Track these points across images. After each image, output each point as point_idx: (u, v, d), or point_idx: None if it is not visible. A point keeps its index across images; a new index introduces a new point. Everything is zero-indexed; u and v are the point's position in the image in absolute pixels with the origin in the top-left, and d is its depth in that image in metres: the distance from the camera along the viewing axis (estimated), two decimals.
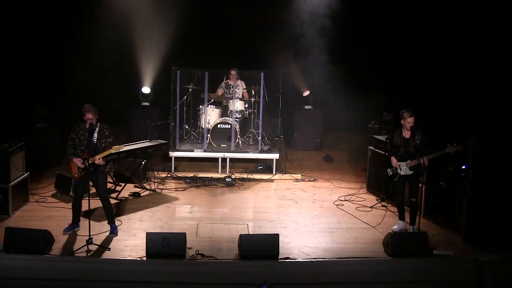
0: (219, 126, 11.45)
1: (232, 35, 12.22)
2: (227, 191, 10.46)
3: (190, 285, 7.37)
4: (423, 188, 9.17)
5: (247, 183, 10.83)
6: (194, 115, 12.11)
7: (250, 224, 9.01)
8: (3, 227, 7.83)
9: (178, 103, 11.56)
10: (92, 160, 8.02)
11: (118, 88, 12.63)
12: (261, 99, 11.51)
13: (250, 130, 11.96)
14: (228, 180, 10.74)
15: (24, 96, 11.73)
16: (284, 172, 11.39)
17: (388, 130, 10.23)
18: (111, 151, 8.13)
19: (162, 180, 10.74)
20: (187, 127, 12.08)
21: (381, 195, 9.95)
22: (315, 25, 11.96)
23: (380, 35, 12.20)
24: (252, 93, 11.69)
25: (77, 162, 8.14)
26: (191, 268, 7.55)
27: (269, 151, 11.62)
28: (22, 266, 7.35)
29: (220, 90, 11.92)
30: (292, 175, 11.29)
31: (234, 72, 11.76)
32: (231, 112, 11.63)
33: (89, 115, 8.05)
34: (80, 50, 12.06)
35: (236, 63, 12.03)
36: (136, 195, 9.98)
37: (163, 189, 10.35)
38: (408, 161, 8.39)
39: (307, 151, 12.87)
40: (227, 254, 7.89)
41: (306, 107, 13.07)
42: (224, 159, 11.34)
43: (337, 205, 9.82)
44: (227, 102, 11.79)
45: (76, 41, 11.94)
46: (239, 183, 10.79)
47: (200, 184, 10.65)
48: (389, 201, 9.70)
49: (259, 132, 11.68)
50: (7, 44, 11.56)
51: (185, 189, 10.42)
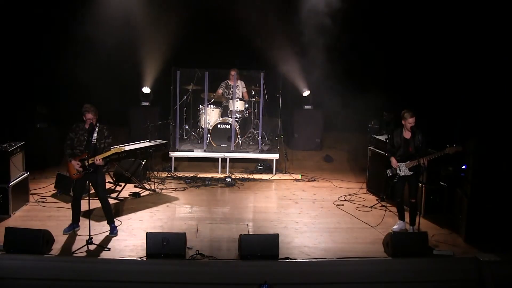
0: (219, 126, 11.45)
1: (232, 35, 12.21)
2: (227, 191, 10.46)
3: (190, 285, 7.37)
4: (423, 188, 9.17)
5: (247, 183, 10.83)
6: (194, 115, 12.11)
7: (250, 224, 9.01)
8: (3, 227, 7.82)
9: (178, 103, 11.57)
10: (92, 161, 8.02)
11: (118, 88, 12.63)
12: (261, 99, 11.52)
13: (250, 130, 11.96)
14: (228, 180, 10.74)
15: (24, 96, 11.73)
16: (284, 172, 11.40)
17: (388, 130, 10.20)
18: (112, 152, 8.12)
19: (162, 180, 10.75)
20: (187, 127, 12.08)
21: (381, 195, 9.95)
22: (315, 25, 11.95)
23: (380, 35, 12.19)
24: (252, 93, 11.69)
25: (75, 165, 8.14)
26: (191, 268, 7.55)
27: (269, 151, 11.62)
28: (22, 266, 7.35)
29: (220, 90, 11.93)
30: (292, 175, 11.29)
31: (234, 73, 11.76)
32: (231, 112, 11.63)
33: (89, 115, 8.04)
34: (80, 50, 12.05)
35: (236, 63, 12.03)
36: (136, 195, 9.98)
37: (163, 189, 10.35)
38: (408, 161, 8.38)
39: (307, 151, 12.86)
40: (227, 254, 7.89)
41: (306, 107, 13.06)
42: (224, 159, 11.34)
43: (337, 205, 9.82)
44: (227, 102, 11.80)
45: (76, 41, 11.92)
46: (239, 183, 10.79)
47: (200, 184, 10.65)
48: (389, 201, 9.71)
49: (259, 132, 11.68)
50: (7, 44, 11.56)
51: (185, 189, 10.42)
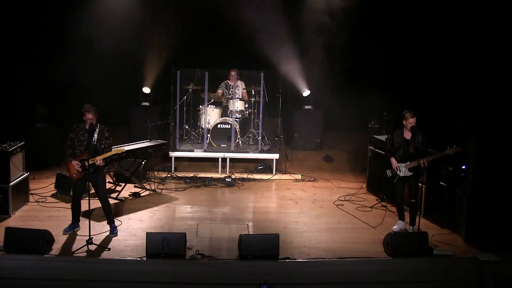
0: (219, 126, 11.45)
1: (232, 35, 12.21)
2: (227, 191, 10.46)
3: (190, 285, 7.36)
4: (423, 188, 9.17)
5: (247, 183, 10.83)
6: (194, 115, 12.11)
7: (250, 224, 9.01)
8: (3, 227, 7.81)
9: (178, 103, 11.57)
10: (92, 161, 8.01)
11: (118, 88, 12.63)
12: (261, 99, 11.52)
13: (250, 130, 11.96)
14: (228, 180, 10.74)
15: (24, 96, 11.73)
16: (284, 172, 11.39)
17: (388, 130, 10.22)
18: (113, 153, 8.12)
19: (162, 180, 10.75)
20: (187, 127, 12.08)
21: (381, 195, 9.95)
22: (315, 25, 11.96)
23: (380, 35, 12.20)
24: (252, 93, 11.69)
25: (75, 165, 8.14)
26: (191, 268, 7.55)
27: (269, 151, 11.62)
28: (22, 266, 7.34)
29: (220, 90, 11.92)
30: (292, 175, 11.29)
31: (234, 73, 11.76)
32: (231, 112, 11.63)
33: (89, 115, 8.04)
34: (80, 50, 12.06)
35: (236, 63, 12.03)
36: (136, 195, 9.98)
37: (163, 189, 10.35)
38: (408, 162, 8.37)
39: (307, 151, 12.86)
40: (227, 254, 7.89)
41: (306, 107, 13.06)
42: (224, 159, 11.34)
43: (337, 205, 9.81)
44: (227, 102, 11.79)
45: (76, 41, 11.92)
46: (239, 183, 10.79)
47: (200, 184, 10.65)
48: (389, 201, 9.70)
49: (259, 132, 11.68)
50: (7, 44, 11.56)
51: (185, 189, 10.42)
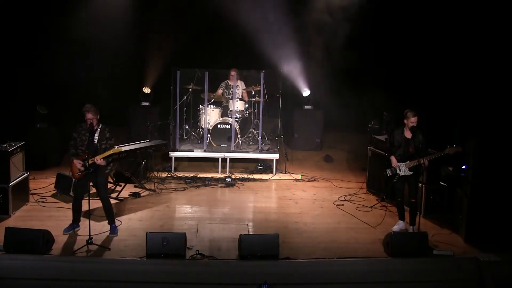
0: (219, 126, 11.45)
1: (232, 35, 12.21)
2: (227, 191, 10.46)
3: (190, 285, 7.36)
4: (423, 188, 9.17)
5: (247, 183, 10.83)
6: (194, 115, 12.10)
7: (250, 224, 9.01)
8: (3, 227, 7.81)
9: (178, 103, 11.56)
10: (92, 161, 8.02)
11: (118, 88, 12.64)
12: (261, 99, 11.51)
13: (250, 130, 11.95)
14: (228, 180, 10.74)
15: (24, 96, 11.73)
16: (284, 172, 11.39)
17: (388, 130, 10.23)
18: (111, 152, 8.13)
19: (162, 180, 10.74)
20: (187, 127, 12.08)
21: (381, 195, 9.95)
22: (315, 24, 11.96)
23: (380, 34, 12.20)
24: (252, 93, 11.69)
25: (77, 164, 8.15)
26: (191, 268, 7.55)
27: (269, 151, 11.62)
28: (22, 266, 7.35)
29: (220, 90, 11.92)
30: (292, 175, 11.29)
31: (234, 73, 11.76)
32: (231, 112, 11.63)
33: (89, 115, 8.04)
34: (80, 50, 12.06)
35: (236, 63, 12.03)
36: (136, 195, 9.98)
37: (163, 189, 10.35)
38: (408, 161, 8.38)
39: (307, 151, 12.86)
40: (227, 254, 7.88)
41: (306, 107, 13.07)
42: (224, 159, 11.33)
43: (337, 205, 9.81)
44: (227, 102, 11.79)
45: (76, 41, 11.93)
46: (239, 183, 10.78)
47: (200, 184, 10.64)
48: (389, 201, 9.70)
49: (259, 132, 11.68)
50: (7, 44, 11.56)
51: (185, 189, 10.41)
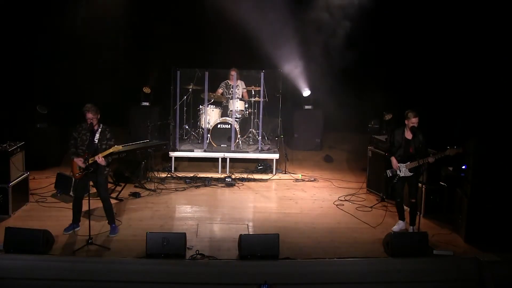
0: (219, 126, 11.44)
1: (232, 35, 12.21)
2: (227, 191, 10.45)
3: (190, 285, 7.36)
4: (423, 188, 9.16)
5: (247, 183, 10.82)
6: (194, 115, 12.10)
7: (250, 224, 9.01)
8: (3, 227, 7.81)
9: (178, 103, 11.56)
10: (92, 160, 8.02)
11: (118, 88, 12.64)
12: (261, 99, 11.51)
13: (250, 130, 11.95)
14: (228, 180, 10.74)
15: (24, 96, 11.73)
16: (284, 172, 11.39)
17: (388, 130, 10.23)
18: (111, 151, 8.14)
19: (162, 180, 10.74)
20: (187, 127, 12.08)
21: (381, 195, 9.95)
22: (315, 25, 11.96)
23: (380, 35, 12.20)
24: (252, 93, 11.69)
25: (78, 162, 8.16)
26: (191, 268, 7.55)
27: (269, 151, 11.62)
28: (22, 266, 7.35)
29: (220, 90, 11.92)
30: (292, 175, 11.28)
31: (234, 73, 11.76)
32: (231, 112, 11.63)
33: (89, 115, 8.05)
34: (80, 50, 12.06)
35: (236, 63, 12.03)
36: (136, 195, 9.97)
37: (163, 189, 10.35)
38: (408, 162, 8.37)
39: (307, 151, 12.86)
40: (227, 254, 7.89)
41: (306, 107, 13.06)
42: (224, 159, 11.33)
43: (337, 205, 9.81)
44: (227, 102, 11.79)
45: (76, 41, 11.93)
46: (239, 183, 10.78)
47: (200, 184, 10.64)
48: (389, 201, 9.71)
49: (259, 132, 11.68)
50: (7, 44, 11.56)
51: (185, 189, 10.41)
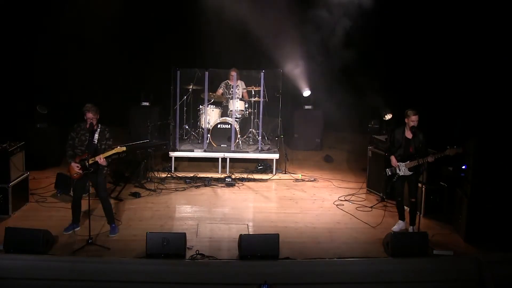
0: (219, 126, 11.44)
1: (232, 34, 12.21)
2: (227, 191, 10.45)
3: (190, 285, 7.36)
4: (423, 188, 9.16)
5: (247, 183, 10.82)
6: (194, 115, 12.10)
7: (250, 224, 9.01)
8: (3, 227, 7.81)
9: (178, 103, 11.56)
10: (93, 161, 8.01)
11: (118, 88, 12.63)
12: (261, 99, 11.51)
13: (250, 130, 11.95)
14: (228, 180, 10.74)
15: (24, 96, 11.73)
16: (284, 172, 11.39)
17: (388, 130, 10.23)
18: (114, 151, 8.12)
19: (162, 180, 10.73)
20: (187, 127, 12.07)
21: (381, 195, 9.95)
22: (315, 25, 11.95)
23: (380, 34, 12.19)
24: (252, 93, 11.69)
25: (74, 168, 8.14)
26: (191, 268, 7.55)
27: (269, 151, 11.62)
28: (22, 266, 7.35)
29: (220, 90, 11.92)
30: (292, 175, 11.28)
31: (234, 73, 11.75)
32: (231, 112, 11.63)
33: (89, 115, 8.05)
34: (80, 50, 12.06)
35: (236, 63, 12.03)
36: (136, 195, 9.97)
37: (163, 189, 10.35)
38: (408, 161, 8.38)
39: (307, 151, 12.86)
40: (227, 254, 7.89)
41: (306, 107, 13.06)
42: (224, 159, 11.33)
43: (337, 205, 9.81)
44: (227, 102, 11.79)
45: (76, 40, 11.93)
46: (239, 183, 10.78)
47: (200, 184, 10.64)
48: (388, 201, 9.71)
49: (259, 132, 11.67)
50: (7, 44, 11.56)
51: (185, 189, 10.41)
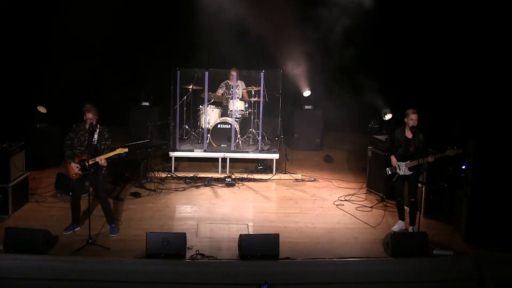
0: (219, 126, 11.44)
1: (232, 35, 12.21)
2: (227, 191, 10.46)
3: (190, 285, 7.37)
4: (423, 188, 9.16)
5: (247, 183, 10.82)
6: (194, 115, 12.10)
7: (250, 224, 9.01)
8: (3, 227, 7.82)
9: (178, 103, 11.56)
10: (93, 161, 8.01)
11: (118, 88, 12.63)
12: (261, 99, 11.51)
13: (250, 130, 11.95)
14: (228, 180, 10.74)
15: (24, 96, 11.73)
16: (284, 172, 11.38)
17: (388, 130, 10.23)
18: (116, 153, 8.11)
19: (162, 180, 10.73)
20: (187, 127, 12.07)
21: (381, 195, 9.95)
22: (315, 24, 11.96)
23: (380, 34, 12.20)
24: (252, 93, 11.69)
25: (74, 168, 8.14)
26: (191, 268, 7.55)
27: (269, 151, 11.62)
28: (22, 266, 7.35)
29: (220, 90, 11.92)
30: (292, 175, 11.28)
31: (234, 73, 11.75)
32: (231, 112, 11.63)
33: (89, 115, 8.05)
34: (80, 49, 12.06)
35: (236, 63, 12.03)
36: (136, 195, 9.98)
37: (163, 189, 10.35)
38: (408, 161, 8.38)
39: (307, 151, 12.86)
40: (227, 254, 7.89)
41: (306, 107, 13.06)
42: (224, 159, 11.33)
43: (337, 205, 9.81)
44: (227, 102, 11.79)
45: (76, 40, 11.93)
46: (239, 183, 10.78)
47: (200, 184, 10.64)
48: (388, 201, 9.71)
49: (259, 132, 11.67)
50: (7, 45, 11.56)
51: (185, 189, 10.41)
